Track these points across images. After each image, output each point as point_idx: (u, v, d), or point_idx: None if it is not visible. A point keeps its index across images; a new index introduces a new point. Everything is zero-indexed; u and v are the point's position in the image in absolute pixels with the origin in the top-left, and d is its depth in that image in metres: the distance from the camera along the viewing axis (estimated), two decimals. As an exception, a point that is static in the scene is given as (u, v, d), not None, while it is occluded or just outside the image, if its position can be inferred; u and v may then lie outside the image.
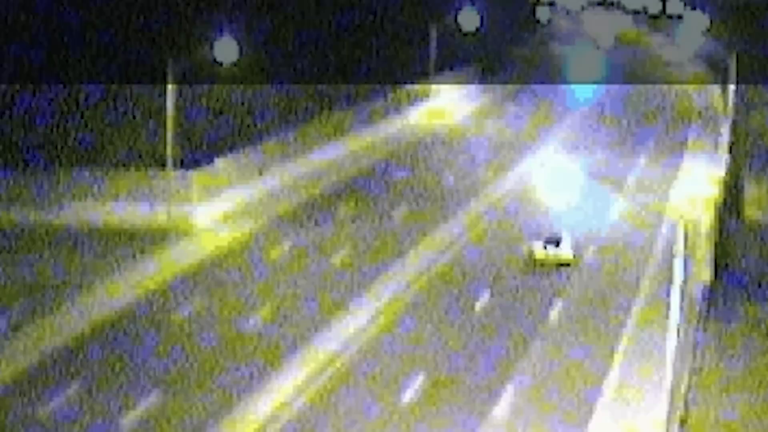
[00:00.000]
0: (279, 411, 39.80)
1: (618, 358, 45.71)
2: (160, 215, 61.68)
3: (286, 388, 41.59)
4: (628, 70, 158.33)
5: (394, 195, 72.50)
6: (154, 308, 49.47)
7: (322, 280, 54.33)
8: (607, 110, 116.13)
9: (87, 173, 62.33)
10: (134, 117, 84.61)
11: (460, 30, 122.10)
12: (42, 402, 39.51)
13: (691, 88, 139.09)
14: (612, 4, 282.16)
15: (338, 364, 44.25)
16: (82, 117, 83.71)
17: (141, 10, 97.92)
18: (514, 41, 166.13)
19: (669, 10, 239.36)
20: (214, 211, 64.06)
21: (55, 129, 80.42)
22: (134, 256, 56.15)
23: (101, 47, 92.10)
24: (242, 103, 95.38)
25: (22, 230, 59.77)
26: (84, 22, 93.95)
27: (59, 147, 75.65)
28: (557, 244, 57.47)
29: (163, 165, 63.64)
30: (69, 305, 48.87)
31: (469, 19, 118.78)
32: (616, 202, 73.27)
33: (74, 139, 78.73)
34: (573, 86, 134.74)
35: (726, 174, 73.51)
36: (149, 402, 39.82)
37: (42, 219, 60.95)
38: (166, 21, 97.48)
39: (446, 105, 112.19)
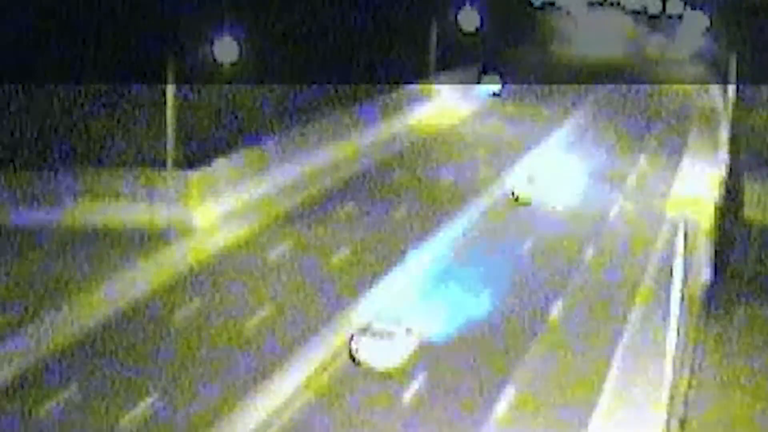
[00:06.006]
0: (279, 411, 39.79)
1: (618, 358, 45.71)
2: (160, 215, 61.64)
3: (286, 388, 41.59)
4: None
5: (394, 195, 72.47)
6: (154, 308, 49.46)
7: (322, 280, 54.32)
8: (608, 110, 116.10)
9: (87, 173, 62.30)
10: (134, 117, 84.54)
11: (460, 30, 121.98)
12: (41, 401, 39.50)
13: (690, 88, 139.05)
14: (612, 4, 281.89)
15: (338, 365, 44.23)
16: (82, 117, 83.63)
17: (141, 9, 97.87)
18: (514, 42, 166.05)
19: (669, 10, 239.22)
20: (213, 211, 64.03)
21: (55, 129, 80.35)
22: (134, 256, 56.13)
23: (101, 47, 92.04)
24: (242, 103, 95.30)
25: (22, 230, 59.72)
26: (84, 22, 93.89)
27: (59, 147, 75.59)
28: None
29: (163, 165, 63.60)
30: (68, 305, 48.84)
31: (469, 19, 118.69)
32: (616, 201, 73.27)
33: (74, 139, 78.66)
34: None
35: (726, 174, 73.47)
36: (148, 402, 39.81)
37: (42, 219, 60.90)
38: (166, 21, 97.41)
39: (446, 105, 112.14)
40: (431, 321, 48.94)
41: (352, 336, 45.65)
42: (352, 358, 44.84)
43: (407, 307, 50.73)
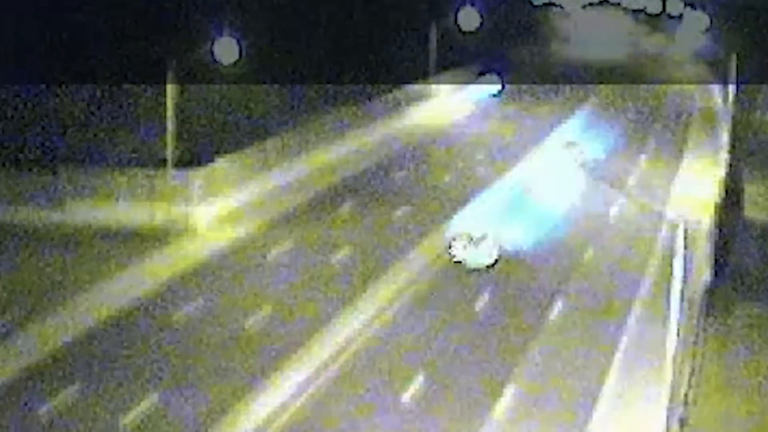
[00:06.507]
0: (279, 411, 39.81)
1: (618, 358, 45.72)
2: (160, 215, 61.66)
3: (286, 388, 41.60)
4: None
5: (394, 195, 72.50)
6: (154, 308, 49.45)
7: (322, 280, 54.32)
8: (607, 110, 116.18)
9: (87, 173, 62.31)
10: (134, 117, 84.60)
11: (460, 30, 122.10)
12: (42, 402, 39.50)
13: (690, 88, 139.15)
14: (611, 4, 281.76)
15: (338, 364, 44.26)
16: (82, 117, 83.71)
17: (141, 10, 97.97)
18: (514, 42, 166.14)
19: (669, 10, 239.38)
20: (214, 211, 64.04)
21: (55, 129, 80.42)
22: (134, 256, 56.15)
23: (101, 47, 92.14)
24: (242, 103, 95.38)
25: (22, 230, 59.76)
26: (84, 22, 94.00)
27: (60, 147, 75.63)
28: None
29: (163, 165, 63.62)
30: (68, 305, 48.86)
31: (469, 19, 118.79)
32: (616, 201, 73.29)
33: (74, 139, 78.70)
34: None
35: (726, 174, 73.47)
36: (149, 402, 39.83)
37: (42, 219, 60.93)
38: (166, 21, 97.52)
39: (446, 105, 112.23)
40: None
41: (450, 242, 57.27)
42: (452, 258, 56.61)
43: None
